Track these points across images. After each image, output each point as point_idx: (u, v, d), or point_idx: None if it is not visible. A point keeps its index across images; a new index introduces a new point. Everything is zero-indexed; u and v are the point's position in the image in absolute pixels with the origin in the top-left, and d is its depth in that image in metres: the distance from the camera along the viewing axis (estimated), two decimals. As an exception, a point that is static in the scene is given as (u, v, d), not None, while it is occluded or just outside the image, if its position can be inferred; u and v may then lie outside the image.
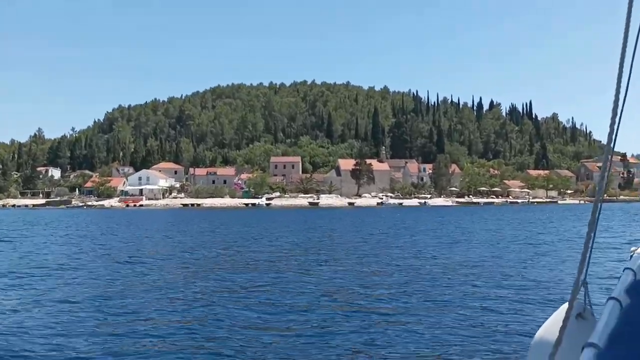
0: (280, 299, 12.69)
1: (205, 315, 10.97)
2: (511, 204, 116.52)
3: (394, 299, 12.47)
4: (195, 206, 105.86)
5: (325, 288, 14.16)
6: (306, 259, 20.82)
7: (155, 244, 28.18)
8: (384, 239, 30.64)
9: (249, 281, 15.40)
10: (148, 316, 10.95)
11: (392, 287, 14.07)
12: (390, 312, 11.12)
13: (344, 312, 11.11)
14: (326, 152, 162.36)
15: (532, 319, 10.23)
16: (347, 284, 14.79)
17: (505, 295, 12.68)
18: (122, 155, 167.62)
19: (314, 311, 11.33)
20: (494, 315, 10.74)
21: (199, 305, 12.03)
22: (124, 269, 18.50)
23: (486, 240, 29.03)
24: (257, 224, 46.93)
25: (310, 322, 10.42)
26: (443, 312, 11.01)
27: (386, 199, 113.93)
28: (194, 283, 15.17)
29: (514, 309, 11.24)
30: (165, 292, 13.64)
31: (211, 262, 20.03)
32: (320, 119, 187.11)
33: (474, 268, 17.68)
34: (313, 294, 13.27)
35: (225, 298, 12.81)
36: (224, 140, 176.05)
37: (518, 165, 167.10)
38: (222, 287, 14.52)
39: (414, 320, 10.30)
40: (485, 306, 11.55)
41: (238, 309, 11.51)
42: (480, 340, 8.90)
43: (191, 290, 14.04)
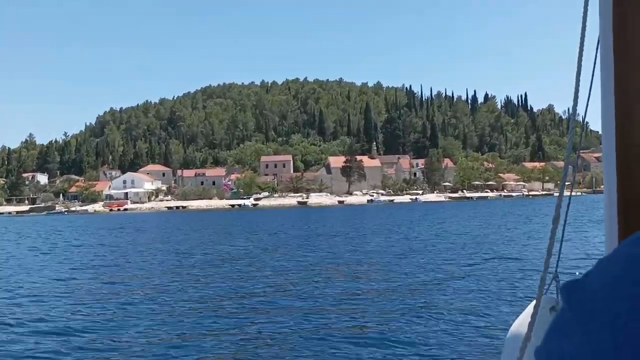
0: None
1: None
2: (506, 198, 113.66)
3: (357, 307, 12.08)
4: (181, 208, 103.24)
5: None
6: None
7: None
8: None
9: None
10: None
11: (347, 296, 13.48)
12: (359, 316, 11.07)
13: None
14: (318, 150, 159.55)
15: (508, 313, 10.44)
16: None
17: (481, 292, 12.93)
18: (112, 158, 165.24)
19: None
20: (470, 311, 11.00)
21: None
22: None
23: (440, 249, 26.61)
24: (216, 229, 44.44)
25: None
26: (414, 311, 11.23)
27: (377, 197, 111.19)
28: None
29: (489, 304, 11.56)
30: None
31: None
32: (312, 117, 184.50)
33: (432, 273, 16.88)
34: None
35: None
36: (214, 141, 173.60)
37: (514, 158, 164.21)
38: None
39: (387, 323, 10.31)
40: (461, 303, 11.81)
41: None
42: (456, 336, 9.16)
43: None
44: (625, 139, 1.21)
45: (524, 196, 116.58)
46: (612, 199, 1.25)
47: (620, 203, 1.23)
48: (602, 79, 1.33)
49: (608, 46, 1.26)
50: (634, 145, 1.20)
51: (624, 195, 1.22)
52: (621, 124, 1.21)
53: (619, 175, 1.22)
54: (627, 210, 1.23)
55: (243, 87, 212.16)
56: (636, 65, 1.21)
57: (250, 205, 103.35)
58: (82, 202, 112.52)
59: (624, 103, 1.22)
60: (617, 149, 1.22)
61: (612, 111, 1.24)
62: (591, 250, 19.27)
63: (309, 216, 61.94)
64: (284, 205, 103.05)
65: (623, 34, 1.24)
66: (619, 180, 1.23)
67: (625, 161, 1.21)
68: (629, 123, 1.21)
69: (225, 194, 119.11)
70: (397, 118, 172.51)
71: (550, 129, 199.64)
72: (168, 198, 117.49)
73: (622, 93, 1.22)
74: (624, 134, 1.21)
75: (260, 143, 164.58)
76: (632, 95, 1.20)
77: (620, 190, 1.23)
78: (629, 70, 1.21)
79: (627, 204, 1.23)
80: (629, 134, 1.21)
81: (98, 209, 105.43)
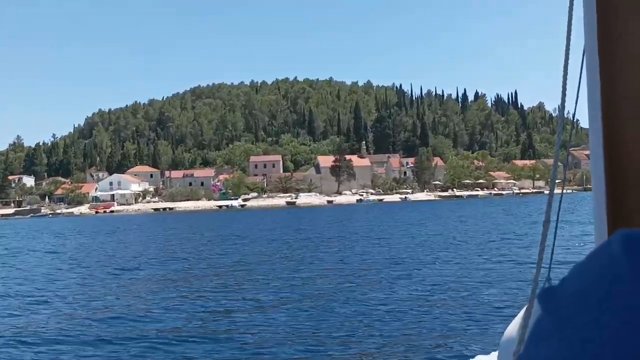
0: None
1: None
2: (496, 196, 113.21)
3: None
4: (168, 210, 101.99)
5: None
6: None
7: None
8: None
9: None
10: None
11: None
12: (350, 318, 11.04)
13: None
14: (308, 150, 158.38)
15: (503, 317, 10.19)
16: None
17: (475, 295, 12.82)
18: (99, 160, 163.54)
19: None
20: (464, 314, 10.88)
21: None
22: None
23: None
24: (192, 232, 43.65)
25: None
26: (411, 314, 11.16)
27: (366, 196, 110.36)
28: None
29: (484, 307, 11.45)
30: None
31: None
32: (302, 116, 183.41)
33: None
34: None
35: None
36: (203, 142, 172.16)
37: (504, 156, 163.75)
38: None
39: (378, 327, 10.25)
40: (454, 306, 11.71)
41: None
42: (450, 340, 9.11)
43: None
44: (613, 136, 1.23)
45: (515, 194, 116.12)
46: (600, 198, 1.27)
47: (609, 201, 1.25)
48: (587, 75, 1.34)
49: (593, 44, 1.29)
50: (621, 143, 1.21)
51: (612, 194, 1.24)
52: (608, 121, 1.23)
53: (607, 173, 1.24)
54: (615, 208, 1.25)
55: (232, 87, 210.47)
56: (621, 62, 1.23)
57: (238, 206, 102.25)
58: (68, 205, 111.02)
59: (611, 100, 1.23)
60: (605, 146, 1.24)
61: (598, 108, 1.25)
62: (586, 251, 18.79)
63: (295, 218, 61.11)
64: (273, 206, 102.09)
65: (607, 31, 1.25)
66: (607, 178, 1.24)
67: (613, 159, 1.23)
68: (616, 120, 1.23)
69: (214, 194, 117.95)
70: (388, 117, 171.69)
71: (541, 127, 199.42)
72: (155, 199, 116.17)
73: (608, 90, 1.24)
74: (611, 131, 1.22)
75: (250, 143, 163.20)
76: (618, 92, 1.22)
77: (608, 188, 1.24)
78: (615, 67, 1.24)
79: (616, 202, 1.24)
80: (616, 131, 1.22)
81: (84, 211, 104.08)
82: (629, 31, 1.19)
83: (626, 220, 1.21)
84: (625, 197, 1.21)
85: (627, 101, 1.18)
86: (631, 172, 1.18)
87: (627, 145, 1.19)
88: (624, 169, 1.20)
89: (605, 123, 1.22)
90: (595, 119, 1.25)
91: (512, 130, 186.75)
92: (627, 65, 1.19)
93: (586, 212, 40.81)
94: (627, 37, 1.20)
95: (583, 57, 1.44)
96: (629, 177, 1.19)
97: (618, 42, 1.23)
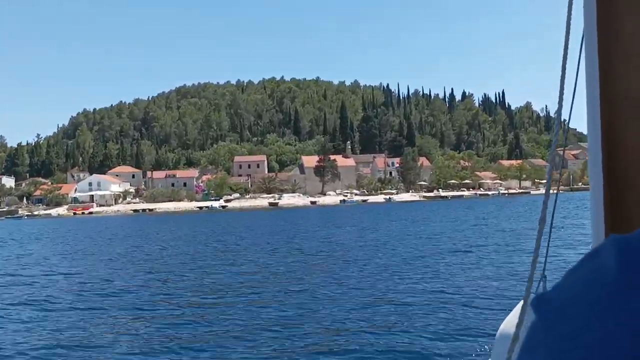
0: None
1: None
2: (481, 196, 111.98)
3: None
4: (147, 211, 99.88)
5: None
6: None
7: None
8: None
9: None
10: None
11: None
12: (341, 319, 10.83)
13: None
14: (293, 150, 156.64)
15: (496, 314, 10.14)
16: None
17: (468, 293, 12.76)
18: (82, 160, 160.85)
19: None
20: (457, 311, 10.91)
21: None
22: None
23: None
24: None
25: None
26: (405, 313, 11.06)
27: (350, 196, 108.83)
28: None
29: (476, 305, 11.42)
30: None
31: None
32: (287, 116, 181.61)
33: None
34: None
35: None
36: (187, 141, 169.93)
37: (491, 156, 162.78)
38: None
39: (374, 324, 10.25)
40: (449, 304, 11.63)
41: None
42: (444, 336, 9.08)
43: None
44: (611, 136, 1.17)
45: (501, 195, 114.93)
46: (598, 198, 1.21)
47: (607, 202, 1.19)
48: (587, 76, 1.29)
49: (593, 44, 1.23)
50: (620, 144, 1.16)
51: (610, 194, 1.18)
52: (607, 122, 1.18)
53: (605, 175, 1.18)
54: (613, 209, 1.19)
55: (218, 87, 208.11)
56: (622, 62, 1.18)
57: (219, 207, 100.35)
58: (46, 206, 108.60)
59: (610, 100, 1.18)
60: (603, 147, 1.18)
61: (597, 109, 1.21)
62: (580, 249, 18.73)
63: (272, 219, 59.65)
64: (255, 207, 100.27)
65: (607, 31, 1.20)
66: (605, 179, 1.18)
67: (611, 160, 1.17)
68: (615, 121, 1.18)
69: (197, 195, 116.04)
70: (374, 117, 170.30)
71: (528, 127, 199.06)
72: (136, 200, 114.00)
73: (607, 90, 1.19)
74: (610, 132, 1.18)
75: (235, 143, 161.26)
76: (617, 93, 1.17)
77: (606, 189, 1.18)
78: (615, 67, 1.18)
79: (614, 203, 1.18)
80: (615, 132, 1.17)
81: (62, 213, 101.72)
82: (629, 31, 1.15)
83: (624, 220, 1.16)
84: (623, 198, 1.16)
85: (626, 101, 1.14)
86: (630, 172, 1.14)
87: (626, 145, 1.15)
88: (622, 169, 1.16)
89: (604, 123, 1.19)
90: (594, 119, 1.22)
91: (500, 130, 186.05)
92: (627, 66, 1.15)
93: (573, 211, 41.08)
94: (626, 37, 1.16)
95: (580, 57, 1.41)
96: (628, 177, 1.14)
97: (617, 42, 1.18)
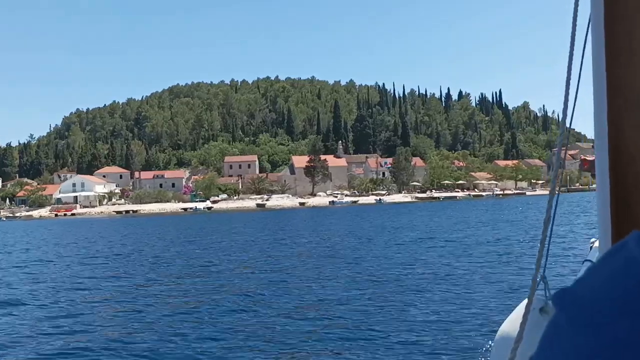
0: None
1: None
2: (475, 197, 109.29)
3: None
4: (131, 213, 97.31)
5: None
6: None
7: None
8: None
9: None
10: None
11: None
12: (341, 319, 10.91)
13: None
14: (286, 150, 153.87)
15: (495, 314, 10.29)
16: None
17: (468, 294, 12.84)
18: (71, 161, 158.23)
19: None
20: (460, 312, 10.99)
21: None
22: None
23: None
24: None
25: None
26: (406, 313, 11.16)
27: (341, 197, 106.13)
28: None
29: (476, 305, 11.56)
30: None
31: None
32: (281, 116, 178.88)
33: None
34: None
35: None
36: (178, 141, 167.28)
37: (487, 156, 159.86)
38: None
39: (375, 324, 10.30)
40: (449, 304, 11.78)
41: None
42: (445, 336, 9.22)
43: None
44: (618, 137, 1.17)
45: (495, 196, 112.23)
46: (605, 199, 1.21)
47: (613, 203, 1.19)
48: (594, 77, 1.27)
49: (600, 45, 1.22)
50: (626, 145, 1.15)
51: (616, 195, 1.18)
52: (613, 123, 1.18)
53: (611, 175, 1.18)
54: (619, 209, 1.18)
55: (211, 86, 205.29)
56: (629, 63, 1.17)
57: (204, 209, 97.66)
58: (29, 207, 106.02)
59: (616, 102, 1.18)
60: (610, 148, 1.18)
61: (604, 110, 1.20)
62: (576, 251, 18.93)
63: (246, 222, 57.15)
64: (242, 208, 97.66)
65: (615, 32, 1.19)
66: (611, 180, 1.18)
67: (617, 160, 1.17)
68: (621, 122, 1.17)
69: (185, 196, 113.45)
70: (368, 116, 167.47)
71: (526, 127, 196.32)
72: (122, 202, 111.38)
73: (614, 91, 1.18)
74: (617, 132, 1.17)
75: (227, 143, 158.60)
76: (624, 93, 1.16)
77: (613, 189, 1.18)
78: (622, 68, 1.17)
79: (620, 204, 1.18)
80: (622, 132, 1.17)
81: (44, 214, 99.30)
82: (637, 31, 1.14)
83: (630, 219, 1.17)
84: (630, 198, 1.16)
85: (633, 102, 1.14)
86: (636, 172, 1.14)
87: (633, 145, 1.15)
88: (629, 169, 1.16)
89: (610, 124, 1.19)
90: (600, 120, 1.22)
91: (496, 129, 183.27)
92: (634, 66, 1.15)
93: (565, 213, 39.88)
94: (634, 38, 1.15)
95: (582, 57, 1.41)
96: (635, 176, 1.15)
97: (625, 43, 1.18)
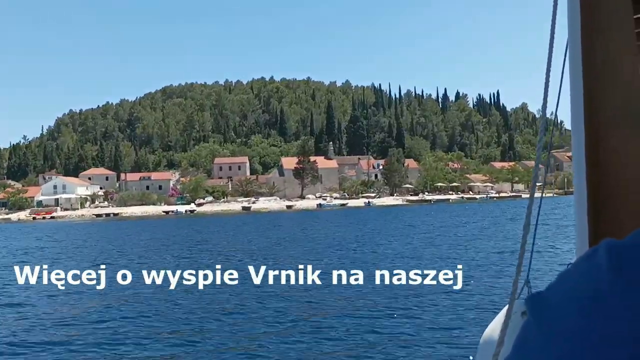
0: None
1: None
2: (468, 200, 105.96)
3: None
4: (112, 216, 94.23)
5: None
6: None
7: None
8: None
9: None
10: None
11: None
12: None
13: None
14: (278, 151, 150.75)
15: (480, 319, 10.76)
16: None
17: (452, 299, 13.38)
18: (59, 163, 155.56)
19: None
20: (442, 317, 11.52)
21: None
22: None
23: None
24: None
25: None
26: (386, 318, 11.71)
27: (329, 200, 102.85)
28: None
29: (461, 310, 12.08)
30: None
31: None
32: (274, 117, 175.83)
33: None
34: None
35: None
36: (169, 143, 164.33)
37: (484, 158, 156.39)
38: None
39: (360, 331, 10.74)
40: (432, 309, 12.30)
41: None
42: (429, 342, 9.63)
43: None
44: (595, 139, 1.18)
45: (489, 198, 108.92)
46: (582, 202, 1.21)
47: (590, 208, 1.18)
48: (571, 90, 1.29)
49: (577, 58, 1.24)
50: (603, 147, 1.16)
51: (594, 198, 1.17)
52: (590, 136, 1.18)
53: (588, 177, 1.18)
54: (597, 213, 1.18)
55: (205, 87, 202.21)
56: (605, 71, 1.18)
57: (185, 212, 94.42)
58: (8, 210, 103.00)
59: (593, 115, 1.19)
60: (587, 154, 1.18)
61: (581, 123, 1.21)
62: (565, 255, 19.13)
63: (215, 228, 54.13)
64: (227, 212, 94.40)
65: (590, 35, 1.20)
66: (588, 182, 1.18)
67: (594, 163, 1.17)
68: (597, 123, 1.18)
69: (172, 199, 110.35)
70: (364, 118, 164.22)
71: (524, 128, 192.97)
72: (105, 204, 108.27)
73: (590, 104, 1.19)
74: (593, 145, 1.17)
75: (218, 144, 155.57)
76: (601, 106, 1.17)
77: (590, 199, 1.18)
78: (598, 76, 1.19)
79: (597, 207, 1.18)
80: (598, 134, 1.17)
81: (22, 218, 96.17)
82: (613, 38, 1.16)
83: (607, 226, 1.17)
84: (607, 204, 1.17)
85: (609, 107, 1.15)
86: (612, 180, 1.15)
87: (609, 152, 1.15)
88: (605, 177, 1.16)
89: (587, 137, 1.19)
90: (578, 133, 1.22)
91: (494, 131, 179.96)
92: (610, 74, 1.16)
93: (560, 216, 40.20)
94: (610, 45, 1.16)
95: (565, 57, 1.41)
96: (611, 185, 1.15)
97: (601, 51, 1.19)
